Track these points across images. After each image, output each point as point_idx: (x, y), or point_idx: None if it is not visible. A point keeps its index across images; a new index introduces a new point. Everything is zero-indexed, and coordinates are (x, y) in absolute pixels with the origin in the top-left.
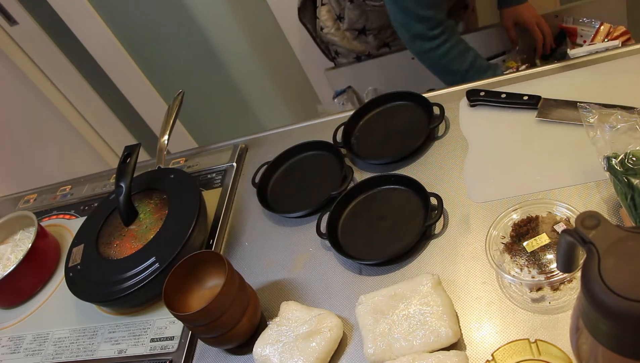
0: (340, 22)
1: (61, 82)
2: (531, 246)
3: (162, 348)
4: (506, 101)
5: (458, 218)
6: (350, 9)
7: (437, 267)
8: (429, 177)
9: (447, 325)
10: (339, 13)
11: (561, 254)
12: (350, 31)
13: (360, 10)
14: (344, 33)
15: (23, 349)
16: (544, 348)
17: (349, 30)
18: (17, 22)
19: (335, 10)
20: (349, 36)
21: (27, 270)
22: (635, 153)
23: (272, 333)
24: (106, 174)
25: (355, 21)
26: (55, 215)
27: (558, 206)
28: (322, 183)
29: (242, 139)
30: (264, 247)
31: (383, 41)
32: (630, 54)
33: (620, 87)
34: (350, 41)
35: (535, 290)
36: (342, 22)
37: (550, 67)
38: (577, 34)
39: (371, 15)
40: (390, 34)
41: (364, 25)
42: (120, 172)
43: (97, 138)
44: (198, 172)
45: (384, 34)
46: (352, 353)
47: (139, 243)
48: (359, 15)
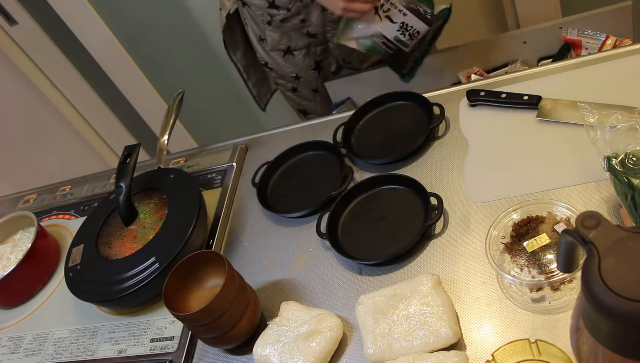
0: (264, 44)
1: (61, 82)
2: (531, 246)
3: (162, 348)
4: (506, 101)
5: (458, 218)
6: (270, 30)
7: (437, 267)
8: (429, 177)
9: (447, 325)
10: (260, 35)
11: (561, 254)
12: (276, 52)
13: (280, 32)
14: (270, 55)
15: (23, 349)
16: (544, 348)
17: (274, 52)
18: (17, 22)
19: (256, 32)
20: (276, 57)
21: (27, 270)
22: (635, 153)
23: (272, 333)
24: (106, 174)
25: (278, 42)
26: (55, 215)
27: (558, 206)
28: (322, 183)
29: (242, 139)
30: (264, 247)
31: (313, 60)
32: (630, 54)
33: (620, 87)
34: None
35: (535, 290)
36: (265, 44)
37: (550, 67)
38: (581, 46)
39: (293, 35)
40: (321, 51)
41: (288, 46)
42: (120, 172)
43: (97, 138)
44: (198, 172)
45: (313, 52)
46: (352, 353)
47: (139, 243)
48: (280, 36)
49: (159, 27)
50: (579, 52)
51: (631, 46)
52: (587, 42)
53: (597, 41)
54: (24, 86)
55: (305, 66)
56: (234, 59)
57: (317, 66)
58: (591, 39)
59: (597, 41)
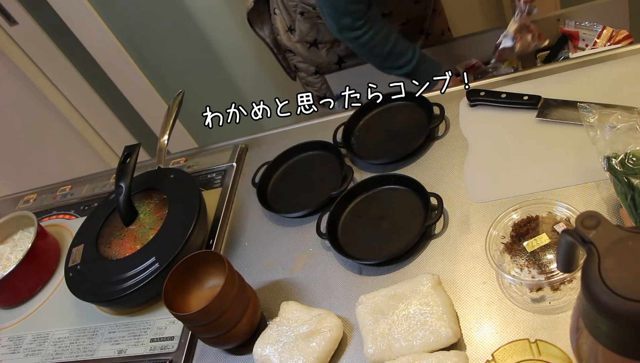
0: (291, 34)
1: (61, 82)
2: (531, 246)
3: (162, 348)
4: (506, 101)
5: (458, 218)
6: (300, 21)
7: (437, 267)
8: (429, 177)
9: (447, 325)
10: (290, 25)
11: (561, 254)
12: (301, 43)
13: (310, 23)
14: (295, 45)
15: (23, 349)
16: (544, 348)
17: (299, 43)
18: (17, 22)
19: (286, 21)
20: (300, 48)
21: (27, 270)
22: (635, 153)
23: (272, 333)
24: (106, 174)
25: (306, 34)
26: (55, 215)
27: (558, 206)
28: (322, 183)
29: (242, 139)
30: (264, 247)
31: (337, 55)
32: (630, 54)
33: (620, 87)
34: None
35: (535, 290)
36: (292, 34)
37: (550, 67)
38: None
39: (322, 28)
40: (344, 48)
41: (315, 38)
42: (120, 172)
43: (97, 138)
44: (198, 172)
45: (337, 47)
46: (352, 353)
47: (139, 243)
48: (310, 28)
49: (159, 27)
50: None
51: (631, 46)
52: (584, 33)
53: (594, 32)
54: (24, 86)
55: (328, 60)
56: (262, 35)
57: (340, 60)
58: (588, 31)
59: (594, 32)
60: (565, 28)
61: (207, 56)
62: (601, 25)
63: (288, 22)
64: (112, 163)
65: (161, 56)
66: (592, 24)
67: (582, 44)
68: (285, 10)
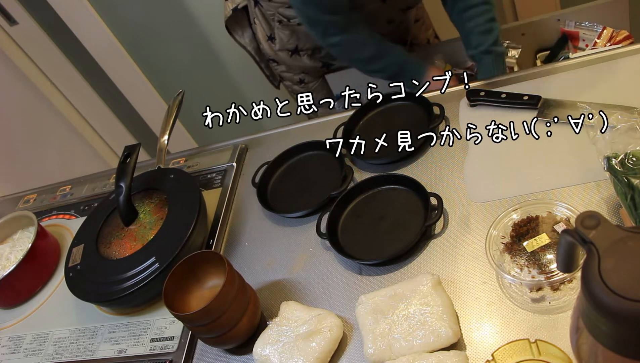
0: (272, 43)
1: (61, 82)
2: (531, 246)
3: (162, 348)
4: (506, 101)
5: (458, 218)
6: (279, 29)
7: (437, 267)
8: (429, 177)
9: (447, 325)
10: (270, 33)
11: (561, 254)
12: (283, 51)
13: (290, 30)
14: (277, 54)
15: (23, 349)
16: (544, 348)
17: (281, 51)
18: (17, 22)
19: (266, 30)
20: (283, 56)
21: (27, 270)
22: (635, 153)
23: (272, 333)
24: (106, 174)
25: (287, 41)
26: (55, 215)
27: (558, 206)
28: (322, 183)
29: (242, 139)
30: (264, 247)
31: (320, 61)
32: (630, 54)
33: (620, 87)
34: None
35: (535, 290)
36: (273, 43)
37: (550, 67)
38: (579, 38)
39: (302, 36)
40: (326, 53)
41: (296, 45)
42: (120, 172)
43: (97, 138)
44: (198, 172)
45: (318, 54)
46: (352, 353)
47: (139, 243)
48: (289, 35)
49: (159, 27)
50: (576, 43)
51: (631, 46)
52: (584, 33)
53: (594, 33)
54: (24, 86)
55: (313, 65)
56: (242, 42)
57: (325, 65)
58: (588, 31)
59: (594, 33)
60: (565, 28)
61: (207, 56)
62: (601, 26)
63: (268, 31)
64: (112, 163)
65: (161, 56)
66: (592, 24)
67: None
68: (264, 20)
